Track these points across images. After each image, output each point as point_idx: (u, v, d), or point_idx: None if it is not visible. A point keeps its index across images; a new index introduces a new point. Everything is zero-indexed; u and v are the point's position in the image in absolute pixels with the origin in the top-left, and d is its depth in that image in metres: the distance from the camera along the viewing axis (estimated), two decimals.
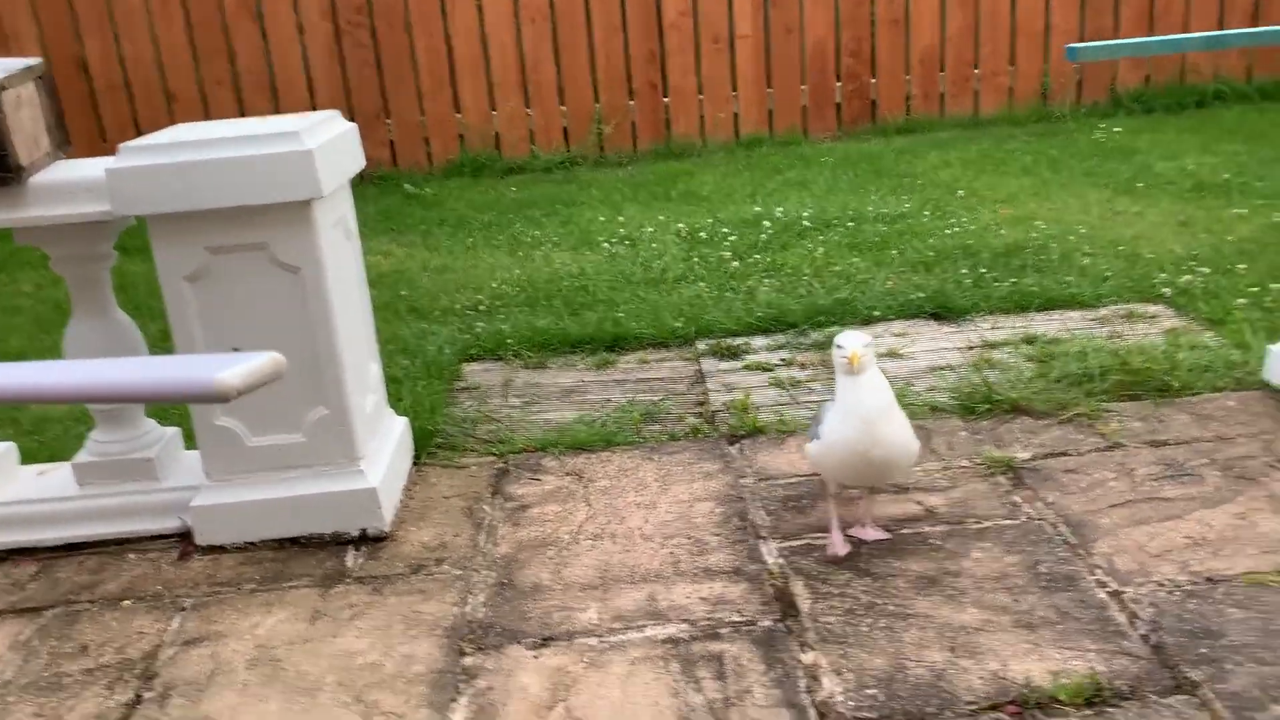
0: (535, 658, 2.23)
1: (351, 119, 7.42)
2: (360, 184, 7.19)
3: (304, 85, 7.24)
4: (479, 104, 7.38)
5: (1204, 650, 2.10)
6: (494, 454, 3.19)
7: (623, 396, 3.58)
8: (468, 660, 2.24)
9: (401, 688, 2.17)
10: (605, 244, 5.34)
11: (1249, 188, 5.45)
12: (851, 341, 2.40)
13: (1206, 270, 4.25)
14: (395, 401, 3.39)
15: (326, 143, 2.58)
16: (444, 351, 3.96)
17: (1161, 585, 2.32)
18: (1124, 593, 2.30)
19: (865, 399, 2.40)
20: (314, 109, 7.23)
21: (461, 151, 7.41)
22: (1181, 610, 2.22)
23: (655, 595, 2.42)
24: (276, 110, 7.20)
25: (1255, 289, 3.99)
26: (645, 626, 2.31)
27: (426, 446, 3.22)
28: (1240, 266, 4.26)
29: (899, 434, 2.44)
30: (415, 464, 3.15)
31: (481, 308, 4.51)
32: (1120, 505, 2.65)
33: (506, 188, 6.87)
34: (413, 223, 6.12)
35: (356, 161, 2.83)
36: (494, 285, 4.80)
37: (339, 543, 2.75)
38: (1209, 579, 2.32)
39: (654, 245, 5.23)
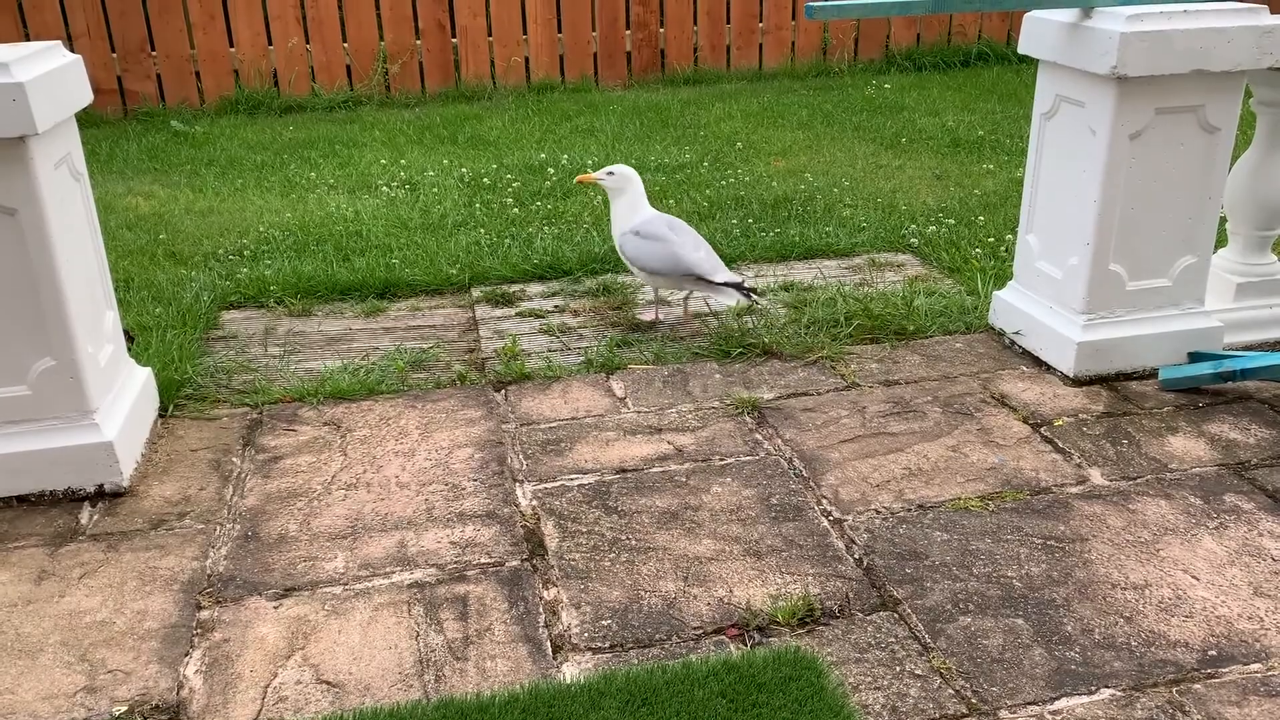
0: (275, 608, 2.21)
1: (113, 51, 6.86)
2: (124, 120, 6.75)
3: (56, 8, 6.66)
4: (255, 37, 7.01)
5: (909, 570, 2.30)
6: (248, 405, 3.10)
7: (391, 344, 3.54)
8: (204, 614, 2.20)
9: (131, 644, 2.11)
10: (385, 188, 5.22)
11: (999, 145, 5.87)
12: None
13: (951, 222, 4.57)
14: (144, 349, 3.24)
15: (43, 76, 2.40)
16: (201, 298, 3.79)
17: (879, 513, 2.52)
18: (844, 520, 2.49)
19: None
20: (69, 37, 6.68)
21: (236, 88, 7.03)
22: (894, 535, 2.43)
23: (405, 542, 2.44)
24: (26, 37, 6.61)
25: (992, 239, 4.33)
26: (393, 573, 2.33)
27: (174, 398, 3.09)
28: (981, 218, 4.60)
29: None
30: (162, 416, 3.02)
31: (246, 253, 4.34)
32: (850, 440, 2.85)
33: (284, 127, 6.58)
34: (179, 162, 5.78)
35: (81, 97, 2.65)
36: (261, 229, 4.61)
37: (74, 499, 2.62)
38: (920, 506, 2.54)
39: (435, 190, 5.15)
